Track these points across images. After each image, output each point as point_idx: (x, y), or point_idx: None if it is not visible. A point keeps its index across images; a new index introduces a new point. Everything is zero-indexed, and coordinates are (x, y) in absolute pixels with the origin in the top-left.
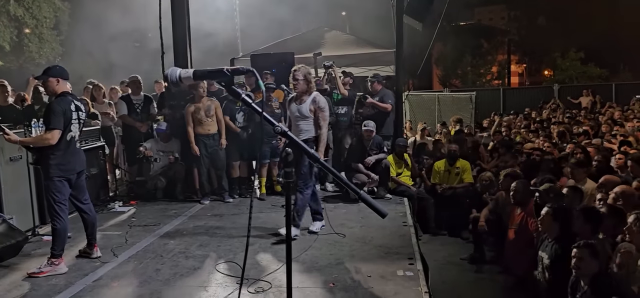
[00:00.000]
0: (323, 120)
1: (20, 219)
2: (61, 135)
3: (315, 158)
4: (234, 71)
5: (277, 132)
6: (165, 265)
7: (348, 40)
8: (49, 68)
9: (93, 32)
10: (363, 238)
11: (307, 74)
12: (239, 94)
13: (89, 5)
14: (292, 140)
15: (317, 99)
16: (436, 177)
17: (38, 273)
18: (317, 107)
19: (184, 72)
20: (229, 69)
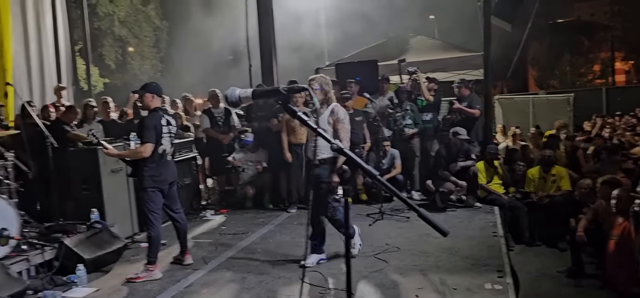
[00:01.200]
0: (344, 132)
1: (121, 227)
2: (154, 148)
3: (373, 175)
4: (290, 89)
5: (333, 149)
6: (252, 273)
7: (434, 45)
8: (146, 84)
9: (188, 48)
10: (449, 248)
11: (324, 84)
12: (294, 112)
13: (185, 23)
14: (349, 157)
15: (336, 110)
16: (530, 184)
17: (135, 279)
18: (336, 118)
19: (243, 92)
20: (285, 88)
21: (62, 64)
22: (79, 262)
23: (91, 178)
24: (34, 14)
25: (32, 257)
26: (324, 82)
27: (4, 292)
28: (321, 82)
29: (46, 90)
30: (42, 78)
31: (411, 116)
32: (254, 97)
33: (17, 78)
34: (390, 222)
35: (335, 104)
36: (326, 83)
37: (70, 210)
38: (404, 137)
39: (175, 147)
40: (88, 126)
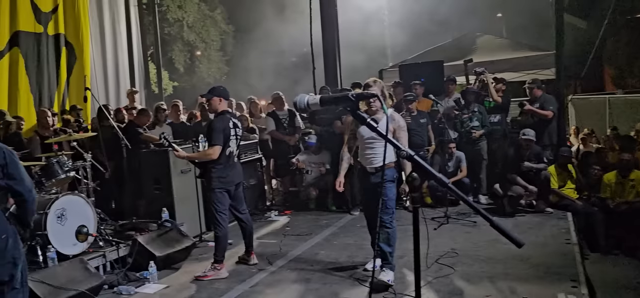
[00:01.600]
0: (405, 140)
1: (189, 226)
2: (221, 150)
3: (444, 183)
4: (359, 96)
5: (402, 156)
6: (315, 275)
7: (502, 45)
8: (213, 88)
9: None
10: (520, 255)
11: (383, 88)
12: (364, 119)
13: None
14: (418, 164)
15: (397, 117)
16: (606, 190)
17: (203, 277)
18: (398, 126)
19: (312, 99)
20: (353, 94)
21: (135, 68)
22: (151, 259)
23: (162, 178)
24: (110, 22)
25: (108, 253)
26: (382, 86)
27: (83, 286)
28: (380, 86)
29: (121, 93)
30: (117, 82)
31: (479, 118)
32: (322, 104)
33: (94, 82)
34: (456, 227)
35: (392, 110)
36: (384, 87)
37: (142, 208)
38: (473, 138)
39: (240, 149)
40: (159, 128)
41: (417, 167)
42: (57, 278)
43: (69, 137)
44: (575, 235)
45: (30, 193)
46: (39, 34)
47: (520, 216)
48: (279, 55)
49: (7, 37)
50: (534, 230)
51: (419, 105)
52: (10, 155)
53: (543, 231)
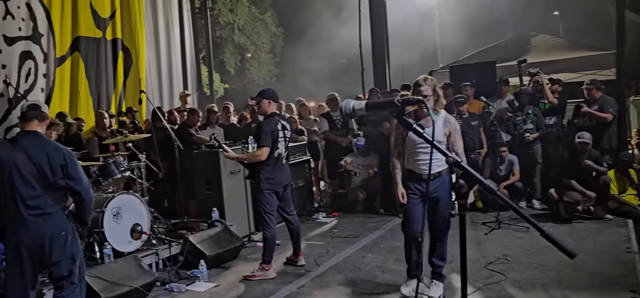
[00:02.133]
0: (461, 145)
1: (238, 226)
2: (270, 152)
3: (491, 190)
4: (405, 102)
5: (449, 163)
6: (362, 278)
7: (558, 44)
8: (263, 91)
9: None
10: (574, 263)
11: (436, 87)
12: (410, 124)
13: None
14: (465, 170)
15: (452, 120)
16: None
17: (251, 277)
18: (454, 129)
19: (358, 104)
20: (399, 100)
21: (188, 71)
22: (201, 258)
23: (213, 179)
24: (165, 26)
25: (161, 251)
26: (435, 84)
27: (137, 282)
28: (432, 85)
29: (174, 95)
30: (170, 85)
31: (533, 120)
32: (368, 110)
33: (149, 85)
34: (507, 232)
35: (445, 112)
36: (436, 85)
37: (193, 208)
38: (526, 141)
39: (289, 151)
40: (211, 129)
41: (465, 173)
42: (112, 274)
43: (125, 138)
44: (637, 244)
45: (87, 192)
46: (98, 39)
47: (577, 222)
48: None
49: (69, 42)
50: (592, 237)
51: (470, 107)
52: (69, 156)
53: (601, 239)
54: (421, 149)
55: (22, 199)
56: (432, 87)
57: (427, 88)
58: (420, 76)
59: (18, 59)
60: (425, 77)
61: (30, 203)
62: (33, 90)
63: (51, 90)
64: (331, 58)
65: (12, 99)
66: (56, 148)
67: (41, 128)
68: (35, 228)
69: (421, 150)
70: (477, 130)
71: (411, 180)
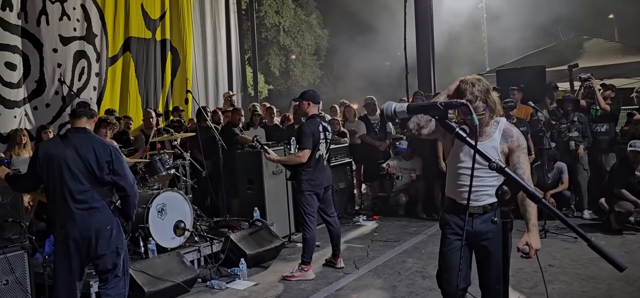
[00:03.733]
0: (527, 165)
1: (279, 226)
2: (311, 154)
3: (537, 199)
4: (447, 105)
5: (492, 168)
6: (402, 283)
7: (612, 49)
8: (304, 92)
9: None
10: (626, 277)
11: (488, 90)
12: (452, 128)
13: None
14: (510, 177)
15: (513, 133)
16: None
17: (290, 277)
18: (517, 145)
19: (399, 107)
20: (442, 103)
21: (233, 72)
22: (242, 257)
23: (255, 178)
24: (212, 28)
25: (202, 248)
26: (485, 88)
27: (179, 278)
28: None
29: (219, 96)
30: (216, 85)
31: (578, 128)
32: (409, 112)
33: (195, 85)
34: (554, 241)
35: (504, 121)
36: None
37: (235, 207)
38: (570, 150)
39: (331, 152)
40: (253, 130)
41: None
42: (156, 269)
43: (171, 136)
44: None
45: (132, 188)
46: (148, 40)
47: (629, 234)
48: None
49: (121, 43)
50: None
51: (518, 112)
52: (115, 153)
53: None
54: (464, 170)
55: (71, 193)
56: (483, 91)
57: (474, 89)
58: (469, 76)
59: (72, 59)
60: (476, 78)
61: (78, 198)
62: (86, 89)
63: (103, 89)
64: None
65: (66, 97)
66: (103, 144)
67: (90, 125)
68: (82, 221)
69: (464, 172)
70: (526, 137)
71: (451, 212)
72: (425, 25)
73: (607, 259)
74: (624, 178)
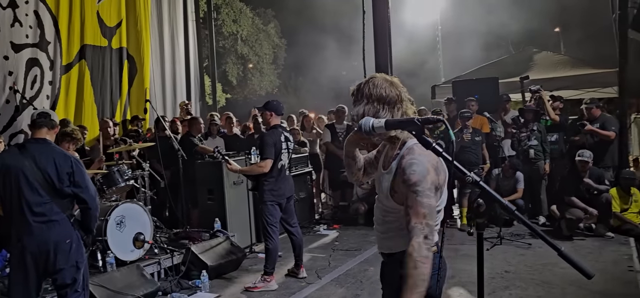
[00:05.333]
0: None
1: (240, 237)
2: (273, 164)
3: (511, 211)
4: (425, 120)
5: (468, 181)
6: (364, 291)
7: (560, 61)
8: (268, 102)
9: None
10: (578, 281)
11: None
12: (429, 143)
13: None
14: (484, 190)
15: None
16: None
17: (253, 288)
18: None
19: (377, 123)
20: (419, 119)
21: (191, 80)
22: (203, 268)
23: (215, 189)
24: (170, 36)
25: (163, 260)
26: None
27: (139, 291)
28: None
29: (177, 105)
30: (174, 94)
31: (537, 137)
32: (387, 128)
33: (153, 94)
34: (509, 248)
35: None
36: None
37: (195, 218)
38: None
39: (291, 162)
40: (212, 139)
41: (483, 193)
42: (115, 282)
43: (129, 146)
44: (639, 263)
45: (94, 201)
46: (104, 48)
47: (579, 240)
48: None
49: (76, 50)
50: (594, 255)
51: (473, 122)
52: (76, 164)
53: (603, 256)
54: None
55: (28, 206)
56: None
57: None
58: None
59: (25, 66)
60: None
61: (36, 210)
62: (38, 97)
63: (56, 98)
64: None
65: (19, 106)
66: (64, 155)
67: (50, 136)
68: (40, 235)
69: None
70: (480, 146)
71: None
72: (383, 36)
73: (576, 267)
74: (573, 186)
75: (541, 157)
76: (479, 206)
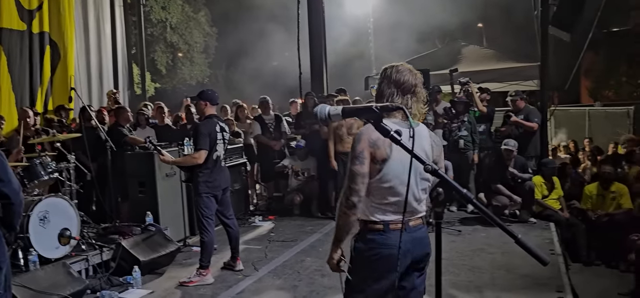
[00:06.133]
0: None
1: (173, 230)
2: (208, 154)
3: (469, 199)
4: (383, 108)
5: (427, 170)
6: (302, 282)
7: (486, 55)
8: (202, 92)
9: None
10: (506, 265)
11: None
12: (387, 131)
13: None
14: (443, 179)
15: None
16: (588, 202)
17: (188, 283)
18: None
19: (333, 110)
20: (377, 106)
21: (119, 69)
22: (135, 264)
23: (147, 181)
24: (95, 22)
25: (91, 257)
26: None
27: (66, 291)
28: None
29: (104, 94)
30: (100, 83)
31: (467, 127)
32: (344, 116)
33: (78, 82)
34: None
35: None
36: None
37: (125, 211)
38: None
39: (226, 153)
40: (142, 130)
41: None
42: (39, 282)
43: (53, 137)
44: (559, 246)
45: (17, 196)
46: (23, 32)
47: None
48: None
49: None
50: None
51: None
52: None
53: (527, 241)
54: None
55: None
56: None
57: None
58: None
59: None
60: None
61: None
62: None
63: None
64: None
65: None
66: None
67: None
68: None
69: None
70: None
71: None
72: (318, 27)
73: (532, 254)
74: (499, 174)
75: (470, 147)
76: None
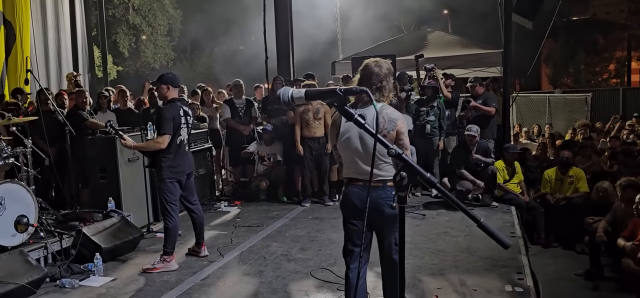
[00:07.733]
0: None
1: (137, 216)
2: (171, 139)
3: (433, 183)
4: (347, 91)
5: (391, 154)
6: (268, 267)
7: (452, 42)
8: (162, 75)
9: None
10: (468, 248)
11: (388, 74)
12: (351, 115)
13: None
14: (407, 163)
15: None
16: (547, 186)
17: (152, 269)
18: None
19: (296, 93)
20: (341, 89)
21: (78, 51)
22: (97, 251)
23: (108, 167)
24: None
25: (50, 244)
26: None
27: (23, 279)
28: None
29: (63, 77)
30: (59, 65)
31: (436, 113)
32: (307, 98)
33: (35, 64)
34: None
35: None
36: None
37: (85, 197)
38: (426, 133)
39: (191, 138)
40: (103, 114)
41: (406, 166)
42: None
43: (8, 121)
44: (519, 229)
45: None
46: None
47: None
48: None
49: None
50: None
51: None
52: None
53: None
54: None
55: None
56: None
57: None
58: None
59: None
60: (375, 61)
61: None
62: None
63: None
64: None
65: None
66: None
67: None
68: None
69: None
70: None
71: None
72: (284, 11)
73: (494, 238)
74: (463, 159)
75: (436, 132)
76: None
